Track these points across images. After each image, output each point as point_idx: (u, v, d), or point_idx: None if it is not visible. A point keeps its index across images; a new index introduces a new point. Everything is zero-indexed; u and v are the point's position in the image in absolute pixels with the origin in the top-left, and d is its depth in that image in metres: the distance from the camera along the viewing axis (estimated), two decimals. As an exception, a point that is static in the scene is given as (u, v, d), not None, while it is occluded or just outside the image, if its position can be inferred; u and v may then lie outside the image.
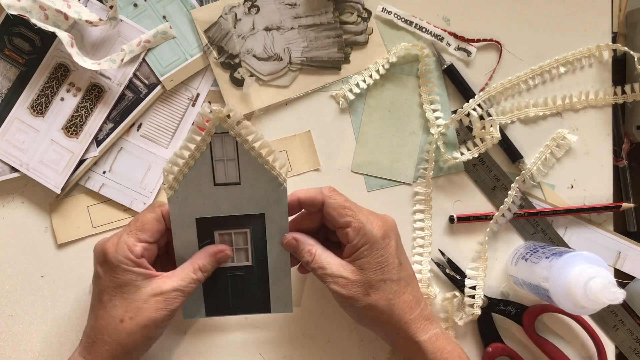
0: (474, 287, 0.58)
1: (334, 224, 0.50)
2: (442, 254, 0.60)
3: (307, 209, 0.51)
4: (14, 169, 0.56)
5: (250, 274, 0.53)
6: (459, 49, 0.60)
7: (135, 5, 0.57)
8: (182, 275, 0.49)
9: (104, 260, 0.49)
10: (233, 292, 0.53)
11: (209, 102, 0.58)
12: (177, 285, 0.48)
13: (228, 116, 0.47)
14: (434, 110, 0.60)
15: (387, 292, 0.48)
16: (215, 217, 0.51)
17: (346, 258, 0.49)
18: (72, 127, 0.57)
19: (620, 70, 0.63)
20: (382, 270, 0.48)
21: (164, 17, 0.57)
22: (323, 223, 0.53)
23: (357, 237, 0.48)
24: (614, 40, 0.62)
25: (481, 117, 0.59)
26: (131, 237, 0.49)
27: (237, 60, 0.58)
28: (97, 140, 0.57)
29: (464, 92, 0.60)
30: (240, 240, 0.52)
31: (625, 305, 0.60)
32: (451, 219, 0.60)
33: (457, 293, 0.59)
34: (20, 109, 0.56)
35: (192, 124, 0.47)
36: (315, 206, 0.50)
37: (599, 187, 0.61)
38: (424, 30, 0.60)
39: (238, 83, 0.58)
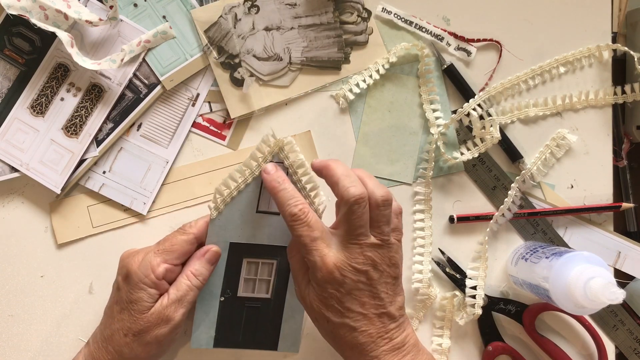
0: (474, 287, 0.58)
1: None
2: (442, 252, 0.60)
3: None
4: (14, 169, 0.56)
5: (267, 307, 0.53)
6: (459, 49, 0.60)
7: (135, 5, 0.57)
8: (178, 286, 0.49)
9: (126, 274, 0.49)
10: (245, 325, 0.53)
11: (272, 131, 0.57)
12: (174, 297, 0.48)
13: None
14: (434, 110, 0.60)
15: (331, 332, 0.47)
16: (248, 244, 0.51)
17: None
18: (72, 127, 0.57)
19: (620, 70, 0.63)
20: (326, 311, 0.46)
21: (164, 17, 0.57)
22: None
23: (310, 271, 0.47)
24: (614, 40, 0.62)
25: (481, 117, 0.59)
26: (157, 257, 0.49)
27: (237, 60, 0.58)
28: (97, 140, 0.57)
29: (464, 92, 0.60)
30: (265, 272, 0.53)
31: (625, 305, 0.60)
32: (451, 219, 0.60)
33: (458, 292, 0.59)
34: (20, 109, 0.56)
35: (256, 149, 0.50)
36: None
37: (599, 187, 0.61)
38: (424, 30, 0.60)
39: (238, 83, 0.58)
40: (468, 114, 0.59)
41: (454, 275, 0.59)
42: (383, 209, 0.45)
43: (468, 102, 0.59)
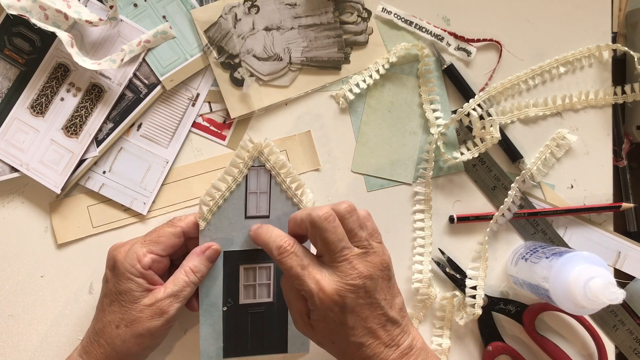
0: (474, 287, 0.58)
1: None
2: (442, 252, 0.60)
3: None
4: (14, 169, 0.56)
5: (271, 311, 0.53)
6: (459, 49, 0.60)
7: (135, 5, 0.57)
8: (175, 280, 0.49)
9: (113, 266, 0.49)
10: (252, 331, 0.53)
11: (249, 137, 0.58)
12: (170, 291, 0.48)
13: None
14: (434, 110, 0.60)
15: (338, 352, 0.46)
16: (242, 250, 0.51)
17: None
18: (72, 127, 0.57)
19: (620, 70, 0.63)
20: (330, 335, 0.46)
21: (164, 17, 0.57)
22: None
23: (308, 300, 0.46)
24: (614, 40, 0.62)
25: (481, 117, 0.59)
26: (143, 247, 0.49)
27: (237, 60, 0.58)
28: (97, 140, 0.57)
29: (464, 92, 0.60)
30: (264, 275, 0.53)
31: (625, 305, 0.60)
32: (451, 219, 0.60)
33: (458, 292, 0.59)
34: (20, 109, 0.56)
35: (235, 155, 0.50)
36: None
37: (599, 187, 0.61)
38: (424, 30, 0.60)
39: (238, 83, 0.58)
40: (468, 114, 0.59)
41: (454, 275, 0.59)
42: (349, 216, 0.46)
43: (468, 102, 0.59)
